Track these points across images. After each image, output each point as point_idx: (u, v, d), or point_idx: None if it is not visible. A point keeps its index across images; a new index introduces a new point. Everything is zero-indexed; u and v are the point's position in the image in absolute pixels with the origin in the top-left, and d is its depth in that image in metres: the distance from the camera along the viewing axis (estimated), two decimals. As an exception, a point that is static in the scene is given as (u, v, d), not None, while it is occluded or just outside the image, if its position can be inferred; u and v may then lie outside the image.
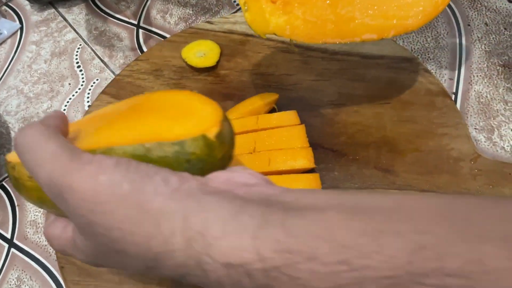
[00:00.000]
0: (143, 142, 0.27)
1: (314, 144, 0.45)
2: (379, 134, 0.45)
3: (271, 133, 0.44)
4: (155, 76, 0.53)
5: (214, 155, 0.28)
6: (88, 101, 0.55)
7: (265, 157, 0.42)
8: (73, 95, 0.56)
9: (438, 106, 0.45)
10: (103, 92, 0.53)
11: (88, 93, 0.56)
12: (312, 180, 0.41)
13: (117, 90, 0.53)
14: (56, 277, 0.44)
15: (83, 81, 0.58)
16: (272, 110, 0.47)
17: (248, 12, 0.40)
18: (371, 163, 0.43)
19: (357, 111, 0.47)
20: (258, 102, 0.47)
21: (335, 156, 0.44)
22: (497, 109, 0.47)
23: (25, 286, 0.43)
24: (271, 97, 0.47)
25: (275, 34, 0.40)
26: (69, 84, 0.58)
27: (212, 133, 0.28)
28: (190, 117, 0.30)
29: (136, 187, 0.22)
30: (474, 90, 0.48)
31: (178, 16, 0.61)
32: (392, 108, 0.46)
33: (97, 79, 0.57)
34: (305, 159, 0.42)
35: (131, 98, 0.37)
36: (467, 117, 0.47)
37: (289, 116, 0.45)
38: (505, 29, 0.52)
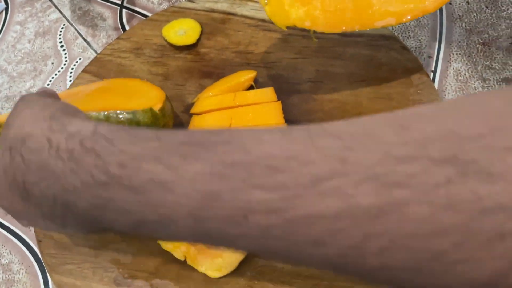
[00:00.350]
0: (105, 110, 0.38)
1: (291, 121, 0.45)
2: (355, 110, 0.45)
3: (248, 110, 0.44)
4: (136, 55, 0.53)
5: (157, 124, 0.40)
6: (70, 80, 0.56)
7: None
8: (55, 74, 0.57)
9: (414, 83, 0.45)
10: (84, 71, 0.53)
11: (71, 72, 0.57)
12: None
13: (98, 68, 0.53)
14: (34, 251, 0.44)
15: (66, 61, 0.58)
16: (250, 88, 0.47)
17: (268, 6, 0.41)
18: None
19: (335, 88, 0.47)
20: (236, 79, 0.47)
21: (311, 133, 0.45)
22: (475, 87, 0.47)
23: (4, 260, 0.44)
24: (249, 75, 0.47)
25: (296, 26, 0.41)
26: (52, 63, 0.58)
27: (157, 107, 0.40)
28: (141, 97, 0.42)
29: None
30: (453, 68, 0.48)
31: (162, -4, 0.61)
32: (369, 86, 0.46)
33: (80, 58, 0.58)
34: None
35: (98, 83, 0.48)
36: (445, 95, 0.47)
37: (266, 93, 0.45)
38: (486, 7, 0.51)
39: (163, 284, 0.39)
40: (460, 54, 0.49)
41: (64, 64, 0.57)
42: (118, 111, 0.39)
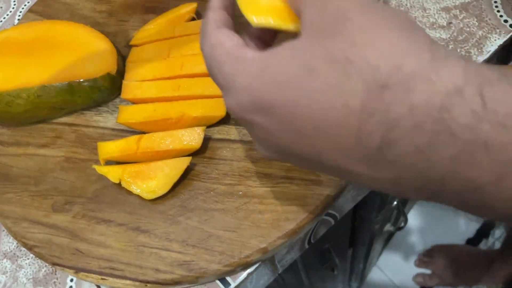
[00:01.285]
0: (67, 80, 0.42)
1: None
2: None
3: (186, 40, 0.44)
4: (81, -7, 0.52)
5: (116, 84, 0.44)
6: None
7: (178, 61, 0.43)
8: (4, 18, 0.56)
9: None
10: (30, 11, 0.52)
11: (19, 15, 0.56)
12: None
13: (43, 8, 0.52)
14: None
15: (14, 4, 0.57)
16: (192, 20, 0.47)
17: None
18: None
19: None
20: (176, 12, 0.47)
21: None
22: (415, 17, 0.47)
23: None
24: (190, 6, 0.47)
25: None
26: (1, 7, 0.57)
27: (113, 71, 0.43)
28: (94, 56, 0.44)
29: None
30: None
31: None
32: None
33: (28, 1, 0.57)
34: None
35: (32, 26, 0.47)
36: (386, 25, 0.47)
37: (207, 24, 0.45)
38: None
39: (99, 208, 0.39)
40: (403, -15, 0.49)
41: (13, 8, 0.57)
42: (81, 80, 0.42)
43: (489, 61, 0.43)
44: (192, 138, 0.38)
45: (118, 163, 0.40)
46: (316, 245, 0.46)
